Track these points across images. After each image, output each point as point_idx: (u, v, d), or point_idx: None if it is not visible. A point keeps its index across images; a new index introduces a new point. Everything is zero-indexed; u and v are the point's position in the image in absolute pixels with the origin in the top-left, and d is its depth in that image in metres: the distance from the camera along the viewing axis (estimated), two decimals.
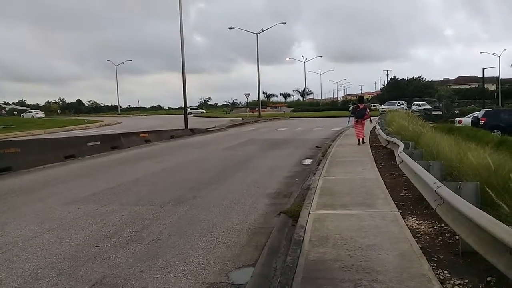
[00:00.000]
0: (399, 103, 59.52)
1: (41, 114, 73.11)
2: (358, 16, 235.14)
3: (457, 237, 4.86)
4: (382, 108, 55.12)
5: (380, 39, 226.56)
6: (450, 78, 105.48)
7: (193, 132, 29.15)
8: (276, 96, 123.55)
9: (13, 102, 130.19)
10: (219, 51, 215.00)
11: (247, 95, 56.28)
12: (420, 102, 57.37)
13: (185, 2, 29.61)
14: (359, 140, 16.94)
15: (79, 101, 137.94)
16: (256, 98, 62.39)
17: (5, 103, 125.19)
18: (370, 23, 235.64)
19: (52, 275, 4.70)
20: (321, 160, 13.05)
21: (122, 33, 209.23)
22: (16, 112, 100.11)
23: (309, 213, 6.57)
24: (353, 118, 17.26)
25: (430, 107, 51.43)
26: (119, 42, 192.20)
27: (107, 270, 4.80)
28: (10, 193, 9.31)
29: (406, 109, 47.50)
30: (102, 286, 4.41)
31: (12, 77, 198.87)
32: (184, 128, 30.02)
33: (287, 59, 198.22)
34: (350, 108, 21.26)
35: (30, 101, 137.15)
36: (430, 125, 20.96)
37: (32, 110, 74.89)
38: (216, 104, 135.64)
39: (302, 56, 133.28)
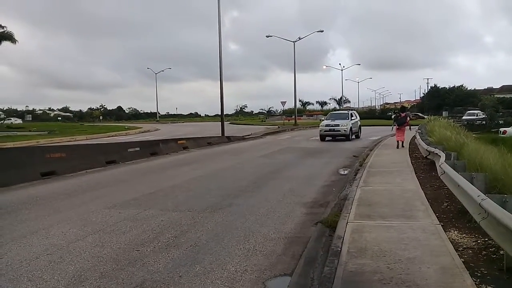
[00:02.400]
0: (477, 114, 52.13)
1: (19, 121, 78.49)
2: (395, 23, 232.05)
3: (502, 252, 4.69)
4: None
5: (418, 47, 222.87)
6: (494, 87, 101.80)
7: (230, 139, 29.40)
8: (312, 104, 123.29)
9: (57, 108, 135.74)
10: (253, 59, 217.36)
11: (283, 103, 56.29)
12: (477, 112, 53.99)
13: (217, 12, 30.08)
14: (398, 143, 19.62)
15: (119, 108, 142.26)
16: (292, 106, 62.14)
17: (49, 109, 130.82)
18: (407, 30, 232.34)
19: (94, 277, 4.85)
20: (359, 169, 12.87)
21: (158, 42, 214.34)
22: (60, 118, 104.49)
23: (347, 223, 6.50)
24: (395, 124, 20.15)
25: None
26: (156, 51, 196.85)
27: (147, 275, 4.91)
28: (55, 197, 9.68)
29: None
30: None
31: (56, 84, 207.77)
32: (220, 135, 30.33)
33: (324, 67, 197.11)
34: (393, 117, 23.95)
35: (73, 107, 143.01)
36: (473, 135, 20.32)
37: (11, 118, 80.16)
38: (252, 111, 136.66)
39: (340, 64, 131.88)
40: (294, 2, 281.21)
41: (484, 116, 50.16)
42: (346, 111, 30.81)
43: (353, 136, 27.80)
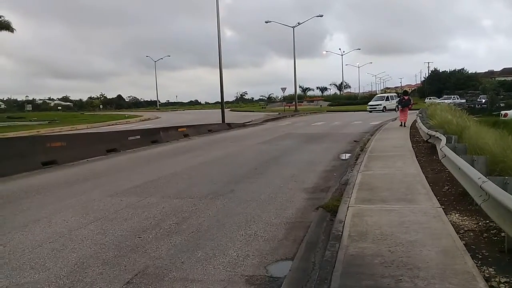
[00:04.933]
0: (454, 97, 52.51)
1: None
2: (391, 8, 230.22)
3: (503, 233, 4.69)
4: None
5: (416, 31, 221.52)
6: (495, 70, 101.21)
7: (230, 126, 29.38)
8: (313, 90, 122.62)
9: (57, 98, 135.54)
10: (250, 45, 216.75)
11: (283, 89, 56.00)
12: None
13: None
14: (401, 123, 22.38)
15: (119, 97, 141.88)
16: (292, 92, 61.87)
17: (49, 99, 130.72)
18: (404, 15, 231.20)
19: (97, 264, 4.88)
20: (360, 154, 12.86)
21: (154, 30, 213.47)
22: (60, 108, 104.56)
23: (348, 208, 6.50)
24: (400, 106, 23.60)
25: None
26: (152, 39, 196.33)
27: (149, 261, 4.94)
28: (56, 186, 9.70)
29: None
30: (144, 276, 4.53)
31: (55, 74, 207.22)
32: (221, 122, 30.31)
33: (324, 52, 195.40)
34: (397, 100, 27.91)
35: (73, 96, 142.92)
36: (474, 118, 20.25)
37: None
38: (253, 98, 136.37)
39: (340, 49, 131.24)
40: None
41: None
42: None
43: None
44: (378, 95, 55.59)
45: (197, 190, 8.67)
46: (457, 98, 52.95)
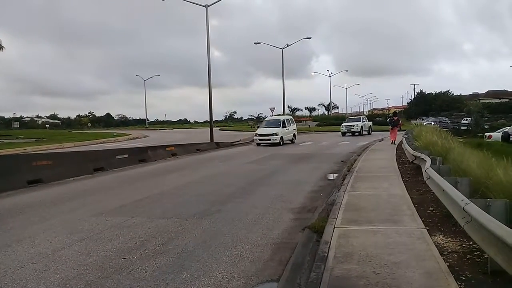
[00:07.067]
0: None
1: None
2: (375, 31, 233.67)
3: (486, 255, 4.74)
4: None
5: (401, 54, 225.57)
6: (479, 92, 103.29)
7: (218, 146, 29.38)
8: (301, 110, 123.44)
9: (45, 116, 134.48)
10: (238, 65, 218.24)
11: (272, 109, 56.12)
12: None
13: (201, 20, 30.28)
14: (392, 141, 24.91)
15: (108, 115, 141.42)
16: (281, 112, 62.19)
17: (37, 116, 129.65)
18: (388, 38, 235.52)
19: (80, 286, 4.81)
20: (347, 175, 12.94)
21: (142, 49, 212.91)
22: (48, 126, 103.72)
23: (334, 228, 6.53)
24: (390, 125, 26.67)
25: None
26: (140, 58, 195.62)
27: (133, 282, 4.88)
28: (41, 205, 9.57)
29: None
30: None
31: (43, 91, 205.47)
32: (209, 142, 30.30)
33: (312, 73, 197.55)
34: (388, 120, 30.89)
35: (61, 114, 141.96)
36: (459, 140, 20.53)
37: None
38: (242, 118, 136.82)
39: (328, 70, 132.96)
40: (274, 10, 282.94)
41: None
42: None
43: None
44: (270, 118, 36.40)
45: (184, 210, 8.63)
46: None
